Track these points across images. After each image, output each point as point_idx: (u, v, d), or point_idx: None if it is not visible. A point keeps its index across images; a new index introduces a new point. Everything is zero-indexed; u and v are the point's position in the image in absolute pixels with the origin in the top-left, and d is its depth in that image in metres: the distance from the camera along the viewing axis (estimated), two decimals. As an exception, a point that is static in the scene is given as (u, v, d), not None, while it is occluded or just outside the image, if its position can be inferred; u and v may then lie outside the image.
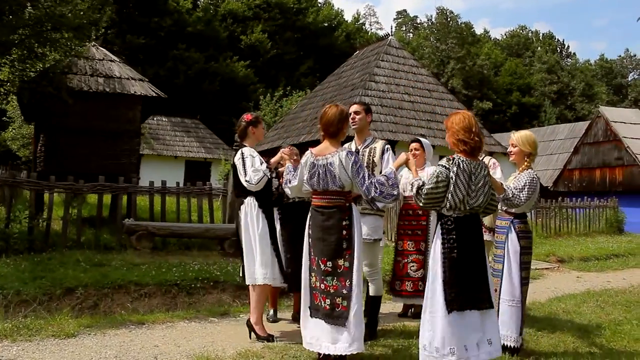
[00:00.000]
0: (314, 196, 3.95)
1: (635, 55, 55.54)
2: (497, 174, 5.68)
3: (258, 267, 4.55)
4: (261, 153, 4.99)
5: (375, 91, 21.80)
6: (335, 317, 3.72)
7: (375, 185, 3.80)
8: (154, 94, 10.29)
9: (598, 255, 11.99)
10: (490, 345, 3.58)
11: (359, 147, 4.85)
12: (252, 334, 4.65)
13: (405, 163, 4.11)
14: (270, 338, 4.59)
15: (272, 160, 4.68)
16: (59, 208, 9.98)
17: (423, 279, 5.52)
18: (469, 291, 3.56)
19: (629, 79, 53.75)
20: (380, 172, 4.70)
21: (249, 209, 4.63)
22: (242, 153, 4.68)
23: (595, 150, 23.90)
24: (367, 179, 3.80)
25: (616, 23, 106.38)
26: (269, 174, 4.55)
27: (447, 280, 3.54)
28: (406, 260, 5.60)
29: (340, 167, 3.78)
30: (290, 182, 4.09)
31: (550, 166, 27.17)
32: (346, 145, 4.99)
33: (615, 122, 23.34)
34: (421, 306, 5.92)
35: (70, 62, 10.11)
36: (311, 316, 3.89)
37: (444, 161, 3.62)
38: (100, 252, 8.12)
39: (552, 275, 9.33)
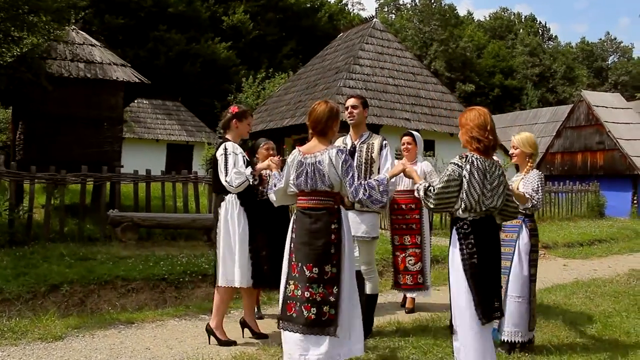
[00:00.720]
0: (300, 197, 3.66)
1: (615, 39, 56.03)
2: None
3: (237, 269, 4.34)
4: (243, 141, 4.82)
5: (360, 74, 21.62)
6: (322, 326, 3.41)
7: (365, 187, 3.58)
8: (137, 80, 10.01)
9: (582, 240, 12.16)
10: None
11: (355, 143, 4.74)
12: (212, 338, 4.47)
13: (403, 172, 3.90)
14: (231, 342, 4.45)
15: (259, 166, 4.45)
16: (40, 196, 9.73)
17: (421, 271, 5.65)
18: (491, 300, 3.42)
19: (609, 62, 54.22)
20: (379, 169, 4.62)
21: (230, 207, 4.42)
22: (225, 149, 4.41)
23: (577, 134, 24.10)
24: (356, 180, 3.57)
25: (597, 5, 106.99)
26: (251, 180, 4.31)
27: (473, 290, 3.36)
28: (404, 255, 5.62)
29: (330, 166, 3.54)
30: (275, 185, 3.78)
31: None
32: (340, 139, 4.87)
33: (597, 106, 23.52)
34: (413, 300, 6.08)
35: (49, 47, 9.76)
36: (279, 327, 3.57)
37: (456, 159, 3.45)
38: (84, 244, 7.95)
39: (539, 263, 9.36)
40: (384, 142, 4.67)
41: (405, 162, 3.87)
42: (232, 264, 4.36)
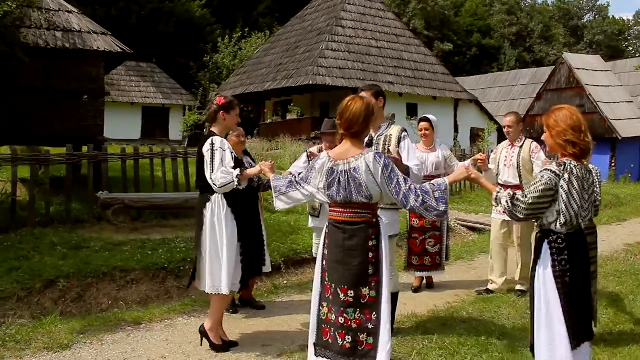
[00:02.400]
0: (332, 209, 3.24)
1: (591, -4, 55.87)
2: (541, 155, 5.74)
3: (224, 275, 4.05)
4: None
5: (343, 37, 21.10)
6: (359, 356, 3.09)
7: (416, 193, 3.08)
8: (119, 50, 9.43)
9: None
10: None
11: (372, 135, 4.44)
12: (205, 340, 4.25)
13: (468, 179, 3.34)
14: (225, 347, 4.23)
15: (250, 171, 4.11)
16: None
17: (440, 252, 5.98)
18: (583, 320, 3.13)
19: (585, 20, 54.24)
20: None
21: (217, 208, 4.09)
22: (212, 144, 4.06)
23: (557, 96, 24.09)
24: (403, 185, 3.08)
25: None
26: (236, 182, 3.96)
27: (566, 309, 3.04)
28: (423, 237, 5.84)
29: (368, 174, 3.07)
30: (283, 193, 3.43)
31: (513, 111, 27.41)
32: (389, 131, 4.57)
33: (578, 69, 23.52)
34: (421, 280, 6.05)
35: (22, 14, 9.06)
36: (316, 354, 3.22)
37: (553, 166, 3.05)
38: (73, 226, 7.60)
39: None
40: (403, 134, 4.38)
41: (470, 168, 3.43)
42: (219, 269, 4.07)
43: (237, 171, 4.00)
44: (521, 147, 5.84)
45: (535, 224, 3.23)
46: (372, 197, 3.14)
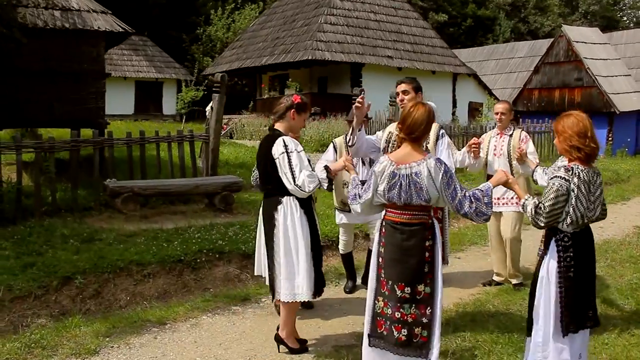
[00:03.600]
0: (390, 210, 3.37)
1: (586, -35, 55.11)
2: (529, 147, 5.58)
3: (304, 280, 3.89)
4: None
5: (341, 10, 20.69)
6: (414, 347, 3.29)
7: (470, 199, 3.26)
8: (120, 30, 9.11)
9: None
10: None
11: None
12: (282, 346, 4.14)
13: (505, 184, 3.52)
14: (303, 348, 4.15)
15: (334, 167, 3.97)
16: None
17: (443, 245, 5.58)
18: (582, 310, 3.40)
19: (579, -11, 53.58)
20: None
21: (289, 211, 3.91)
22: (285, 145, 3.84)
23: (555, 70, 23.95)
24: (459, 191, 3.26)
25: None
26: (325, 185, 3.85)
27: (563, 302, 3.34)
28: None
29: (429, 178, 3.22)
30: (359, 196, 3.42)
31: (510, 85, 27.24)
32: (390, 129, 4.45)
33: (577, 42, 23.29)
34: None
35: (18, -8, 8.71)
36: (370, 345, 3.40)
37: (561, 172, 3.25)
38: (80, 214, 7.45)
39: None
40: (441, 132, 4.28)
41: (507, 173, 3.52)
42: (296, 275, 3.90)
43: (322, 171, 3.86)
44: (511, 135, 5.73)
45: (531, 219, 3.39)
46: (430, 200, 3.29)
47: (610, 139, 22.53)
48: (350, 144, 4.32)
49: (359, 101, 4.08)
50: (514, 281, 5.83)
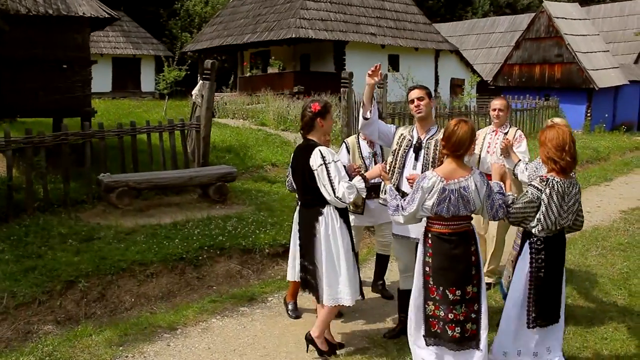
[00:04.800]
0: (435, 222, 3.58)
1: None
2: (522, 147, 5.49)
3: (343, 286, 4.00)
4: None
5: (324, -14, 20.31)
6: (466, 341, 3.59)
7: (502, 206, 3.62)
8: (106, 15, 8.85)
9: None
10: (549, 354, 3.86)
11: (421, 137, 4.30)
12: (311, 346, 4.21)
13: (502, 178, 3.88)
14: (331, 351, 4.22)
15: (370, 175, 4.05)
16: None
17: None
18: (549, 307, 3.76)
19: (557, -39, 53.54)
20: None
21: (330, 221, 4.00)
22: (323, 156, 3.90)
23: (537, 46, 24.07)
24: (496, 201, 3.59)
25: None
26: (364, 195, 3.98)
27: (532, 299, 3.72)
28: None
29: (475, 192, 3.49)
30: (402, 208, 3.58)
31: (490, 60, 27.34)
32: (403, 131, 4.43)
33: (558, 18, 23.39)
34: None
35: (-3, -23, 8.34)
36: (427, 344, 3.66)
37: (536, 181, 3.62)
38: (73, 209, 7.35)
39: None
40: None
41: (503, 167, 3.91)
42: (338, 281, 4.00)
43: (360, 181, 3.93)
44: (506, 133, 5.62)
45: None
46: (475, 211, 3.57)
47: (589, 115, 22.88)
48: (366, 116, 4.27)
49: (372, 70, 4.10)
50: (486, 280, 5.84)
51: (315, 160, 3.91)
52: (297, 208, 4.38)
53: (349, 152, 5.24)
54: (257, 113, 17.54)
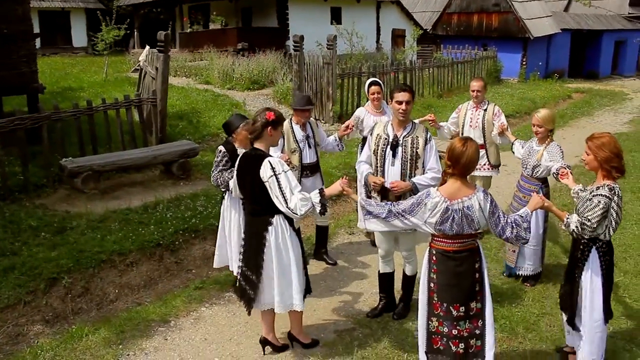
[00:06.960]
0: (440, 239, 3.60)
1: None
2: (502, 119, 6.32)
3: (295, 293, 4.04)
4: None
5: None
6: (471, 357, 3.63)
7: (511, 225, 3.53)
8: (48, -14, 8.33)
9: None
10: None
11: (398, 135, 4.51)
12: (294, 343, 4.45)
13: (542, 207, 3.82)
14: (315, 342, 4.50)
15: (329, 193, 3.99)
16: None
17: None
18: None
19: None
20: (423, 164, 4.51)
21: (280, 230, 3.98)
22: (273, 167, 3.82)
23: (475, -6, 24.48)
24: (502, 219, 3.53)
25: None
26: (319, 209, 3.86)
27: (605, 297, 3.85)
28: None
29: (479, 210, 3.49)
30: (404, 214, 3.62)
31: (429, 8, 27.54)
32: (377, 131, 4.60)
33: (495, -34, 23.74)
34: None
35: None
36: None
37: (605, 191, 3.65)
38: (34, 194, 7.23)
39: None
40: (429, 135, 4.53)
41: (544, 197, 3.79)
42: (289, 288, 4.07)
43: (317, 195, 3.87)
44: (485, 109, 6.44)
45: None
46: (479, 229, 3.58)
47: (524, 63, 23.77)
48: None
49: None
50: None
51: (265, 172, 3.85)
52: (225, 200, 4.93)
53: (283, 136, 5.34)
54: (200, 70, 17.11)
